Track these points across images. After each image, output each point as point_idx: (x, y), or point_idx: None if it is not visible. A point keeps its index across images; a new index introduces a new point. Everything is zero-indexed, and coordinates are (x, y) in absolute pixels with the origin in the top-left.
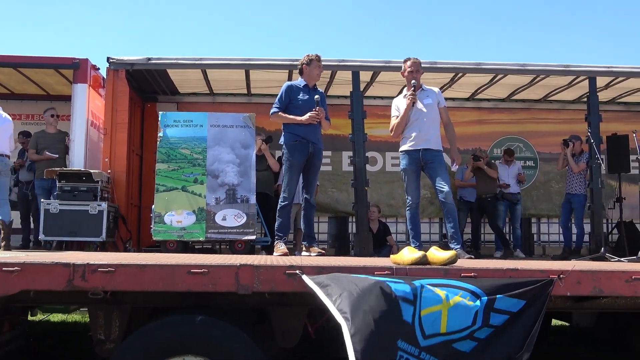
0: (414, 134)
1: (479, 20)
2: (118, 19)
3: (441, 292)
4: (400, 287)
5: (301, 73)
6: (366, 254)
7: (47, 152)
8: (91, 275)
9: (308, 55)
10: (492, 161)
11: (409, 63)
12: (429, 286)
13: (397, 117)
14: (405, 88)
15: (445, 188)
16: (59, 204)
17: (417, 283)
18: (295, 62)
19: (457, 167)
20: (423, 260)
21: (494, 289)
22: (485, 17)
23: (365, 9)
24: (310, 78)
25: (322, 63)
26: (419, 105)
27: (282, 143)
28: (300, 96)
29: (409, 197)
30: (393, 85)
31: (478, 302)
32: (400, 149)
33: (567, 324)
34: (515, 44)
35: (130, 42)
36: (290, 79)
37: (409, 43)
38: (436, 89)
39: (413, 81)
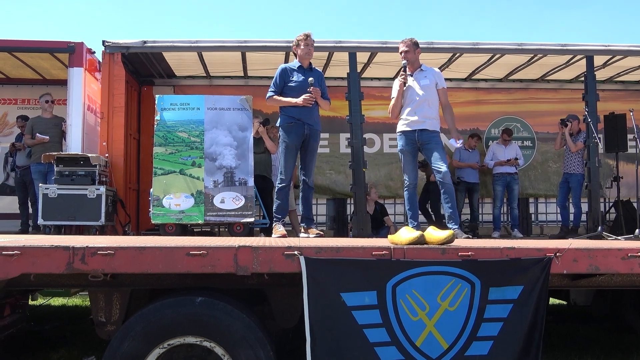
0: (410, 115)
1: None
2: (113, 2)
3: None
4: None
5: (295, 55)
6: (364, 235)
7: (38, 135)
8: (91, 258)
9: (296, 37)
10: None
11: (401, 44)
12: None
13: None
14: None
15: (443, 168)
16: (57, 189)
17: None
18: (291, 44)
19: (461, 142)
20: (420, 240)
21: (489, 272)
22: None
23: None
24: (303, 58)
25: (319, 44)
26: (415, 85)
27: (278, 125)
28: (295, 77)
29: (407, 178)
30: (390, 66)
31: (469, 292)
32: (397, 130)
33: (564, 302)
34: (512, 23)
35: (126, 25)
36: (287, 60)
37: (406, 23)
38: (436, 70)
39: (404, 61)
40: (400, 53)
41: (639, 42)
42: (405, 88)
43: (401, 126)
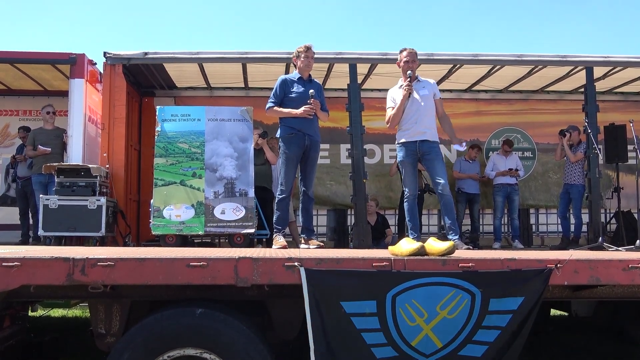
0: (410, 126)
1: (475, 10)
2: (114, 13)
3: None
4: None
5: (295, 67)
6: (365, 246)
7: (40, 147)
8: (91, 269)
9: (297, 49)
10: None
11: (404, 53)
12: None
13: (393, 108)
14: (401, 79)
15: (442, 180)
16: (58, 200)
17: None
18: (291, 56)
19: (464, 144)
20: (421, 251)
21: (489, 283)
22: (482, 7)
23: (363, 2)
24: (302, 70)
25: (319, 56)
26: (415, 96)
27: (278, 136)
28: (295, 89)
29: (407, 189)
30: (390, 77)
31: (469, 302)
32: (397, 141)
33: (566, 313)
34: (512, 35)
35: (127, 36)
36: (287, 71)
37: (405, 35)
38: (432, 81)
39: (409, 72)
40: (405, 62)
41: (639, 54)
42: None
43: (401, 137)
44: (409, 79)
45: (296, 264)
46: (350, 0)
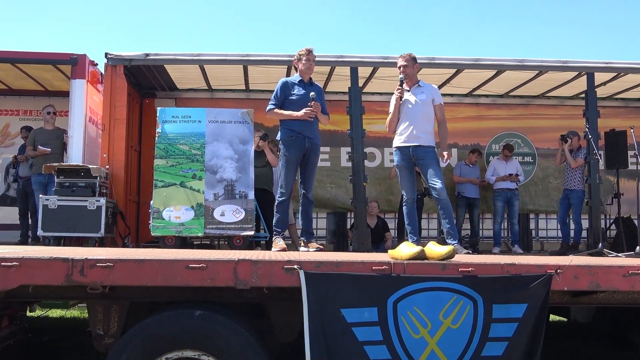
0: (405, 130)
1: (477, 13)
2: (116, 15)
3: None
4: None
5: (296, 69)
6: (364, 249)
7: (40, 147)
8: (90, 270)
9: (298, 52)
10: None
11: (400, 58)
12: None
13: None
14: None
15: (438, 185)
16: (58, 200)
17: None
18: (292, 58)
19: (446, 163)
20: (421, 256)
21: (490, 288)
22: (483, 10)
23: (364, 4)
24: (303, 73)
25: (321, 59)
26: (412, 101)
27: (278, 139)
28: (296, 91)
29: (405, 193)
30: (392, 80)
31: (472, 309)
32: (393, 145)
33: (565, 319)
34: (514, 38)
35: (128, 37)
36: (288, 74)
37: (407, 38)
38: (434, 86)
39: (400, 76)
40: (399, 67)
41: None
42: (401, 102)
43: (397, 142)
44: (399, 83)
45: (296, 266)
46: (351, 2)
